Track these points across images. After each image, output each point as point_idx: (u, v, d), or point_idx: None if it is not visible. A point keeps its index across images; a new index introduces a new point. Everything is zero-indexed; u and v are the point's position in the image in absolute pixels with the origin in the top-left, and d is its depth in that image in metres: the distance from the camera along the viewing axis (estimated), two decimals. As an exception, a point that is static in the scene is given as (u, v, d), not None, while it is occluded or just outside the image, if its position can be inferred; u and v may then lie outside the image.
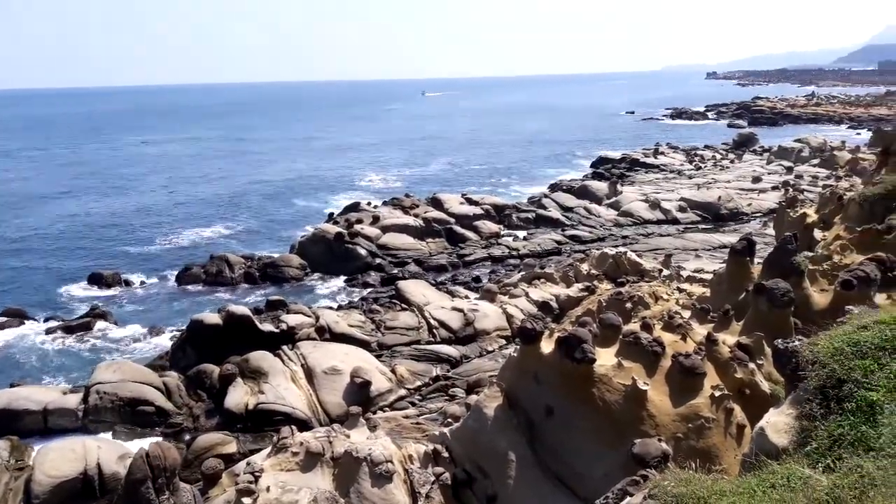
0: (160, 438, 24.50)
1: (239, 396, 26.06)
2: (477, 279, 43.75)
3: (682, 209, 59.48)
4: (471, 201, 60.37)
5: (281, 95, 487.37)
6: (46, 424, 25.96)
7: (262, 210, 72.02)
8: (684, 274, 35.50)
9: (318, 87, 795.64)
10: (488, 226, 55.59)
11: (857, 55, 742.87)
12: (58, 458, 21.88)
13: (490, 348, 30.88)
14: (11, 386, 28.57)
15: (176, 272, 47.77)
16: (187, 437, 24.91)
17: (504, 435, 16.45)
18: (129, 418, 25.90)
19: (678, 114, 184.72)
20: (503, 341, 31.38)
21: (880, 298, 17.10)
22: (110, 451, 22.63)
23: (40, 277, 48.28)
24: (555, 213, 60.25)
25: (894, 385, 6.91)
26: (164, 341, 35.16)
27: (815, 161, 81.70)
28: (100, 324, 37.67)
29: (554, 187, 72.54)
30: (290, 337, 30.07)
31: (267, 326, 30.50)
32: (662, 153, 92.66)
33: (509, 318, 32.54)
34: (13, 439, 23.87)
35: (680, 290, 30.24)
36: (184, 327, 33.06)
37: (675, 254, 45.40)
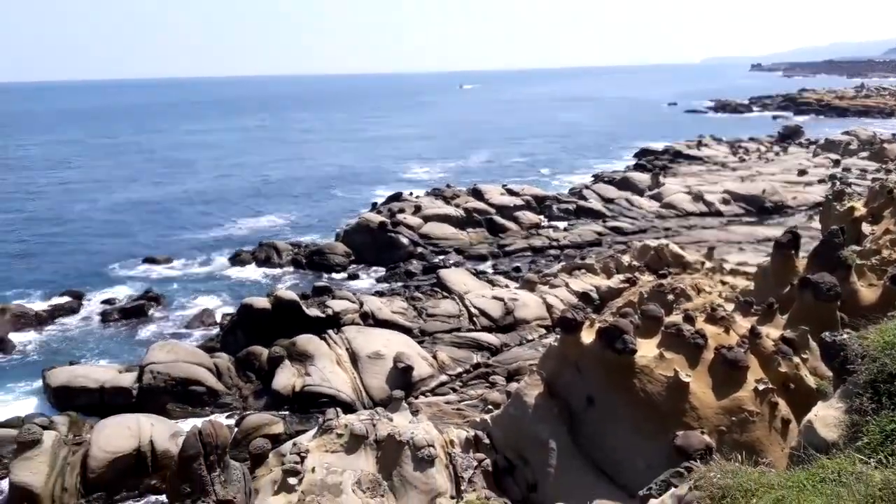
0: (211, 418, 25.32)
1: (286, 378, 26.79)
2: (517, 269, 43.84)
3: (725, 202, 58.55)
4: (511, 192, 60.33)
5: (322, 88, 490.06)
6: (103, 402, 27.00)
7: (308, 199, 73.16)
8: (727, 267, 35.09)
9: (357, 80, 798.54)
10: (529, 216, 55.53)
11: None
12: (113, 435, 22.84)
13: (530, 337, 31.06)
14: (70, 364, 29.85)
15: (227, 257, 49.18)
16: (236, 416, 25.71)
17: (545, 423, 16.63)
18: (180, 398, 26.81)
19: (721, 106, 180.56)
20: (543, 331, 31.53)
21: (932, 295, 16.82)
22: (163, 429, 23.52)
23: (98, 260, 49.93)
24: (596, 204, 59.90)
25: None
26: (215, 324, 36.16)
27: (864, 154, 79.45)
28: (153, 306, 38.98)
29: (595, 178, 72.15)
30: (335, 322, 30.67)
31: (313, 311, 31.12)
32: (706, 145, 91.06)
33: (549, 307, 32.65)
34: (72, 415, 25.00)
35: (723, 283, 29.98)
36: (234, 311, 34.09)
37: (717, 246, 44.78)
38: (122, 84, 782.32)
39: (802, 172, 69.97)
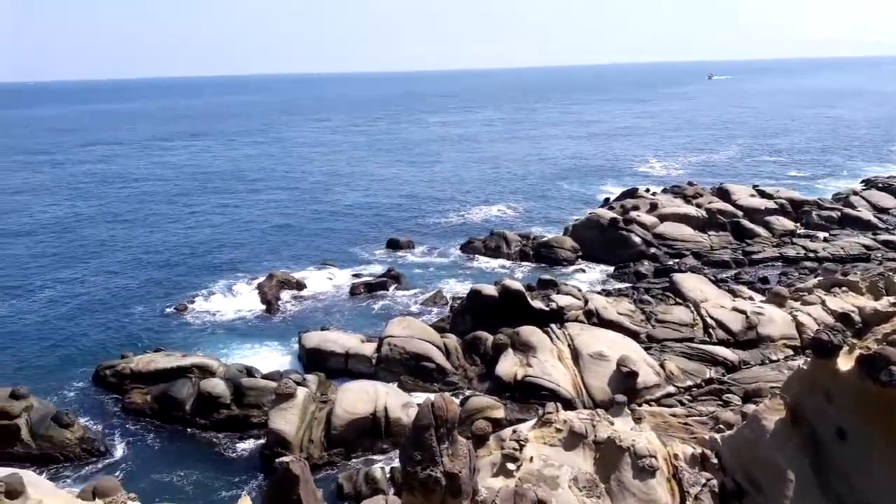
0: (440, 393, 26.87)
1: (509, 366, 27.52)
2: (764, 280, 40.42)
3: None
4: (763, 194, 55.55)
5: (566, 79, 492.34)
6: (346, 366, 30.07)
7: (538, 190, 74.16)
8: None
9: (599, 70, 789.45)
10: (782, 222, 50.83)
11: None
12: (354, 398, 25.32)
13: (774, 357, 28.50)
14: (322, 329, 33.49)
15: (460, 243, 51.74)
16: (461, 396, 26.96)
17: (784, 451, 15.30)
18: (412, 371, 28.86)
19: None
20: (790, 351, 28.76)
21: None
22: (396, 398, 25.55)
23: (349, 238, 55.60)
24: (865, 213, 53.06)
25: None
26: (446, 305, 38.32)
27: None
28: (393, 284, 42.30)
29: (867, 184, 64.15)
30: (558, 316, 30.86)
31: (538, 303, 31.58)
32: None
33: (800, 326, 29.69)
34: (320, 375, 28.07)
35: None
36: (464, 295, 35.76)
37: None
38: (381, 77, 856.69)
39: None
